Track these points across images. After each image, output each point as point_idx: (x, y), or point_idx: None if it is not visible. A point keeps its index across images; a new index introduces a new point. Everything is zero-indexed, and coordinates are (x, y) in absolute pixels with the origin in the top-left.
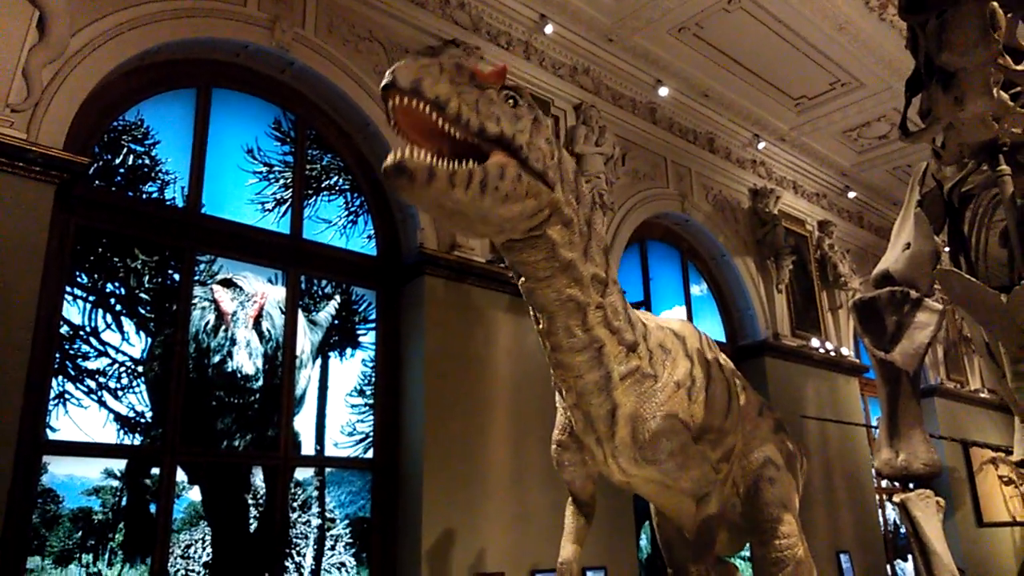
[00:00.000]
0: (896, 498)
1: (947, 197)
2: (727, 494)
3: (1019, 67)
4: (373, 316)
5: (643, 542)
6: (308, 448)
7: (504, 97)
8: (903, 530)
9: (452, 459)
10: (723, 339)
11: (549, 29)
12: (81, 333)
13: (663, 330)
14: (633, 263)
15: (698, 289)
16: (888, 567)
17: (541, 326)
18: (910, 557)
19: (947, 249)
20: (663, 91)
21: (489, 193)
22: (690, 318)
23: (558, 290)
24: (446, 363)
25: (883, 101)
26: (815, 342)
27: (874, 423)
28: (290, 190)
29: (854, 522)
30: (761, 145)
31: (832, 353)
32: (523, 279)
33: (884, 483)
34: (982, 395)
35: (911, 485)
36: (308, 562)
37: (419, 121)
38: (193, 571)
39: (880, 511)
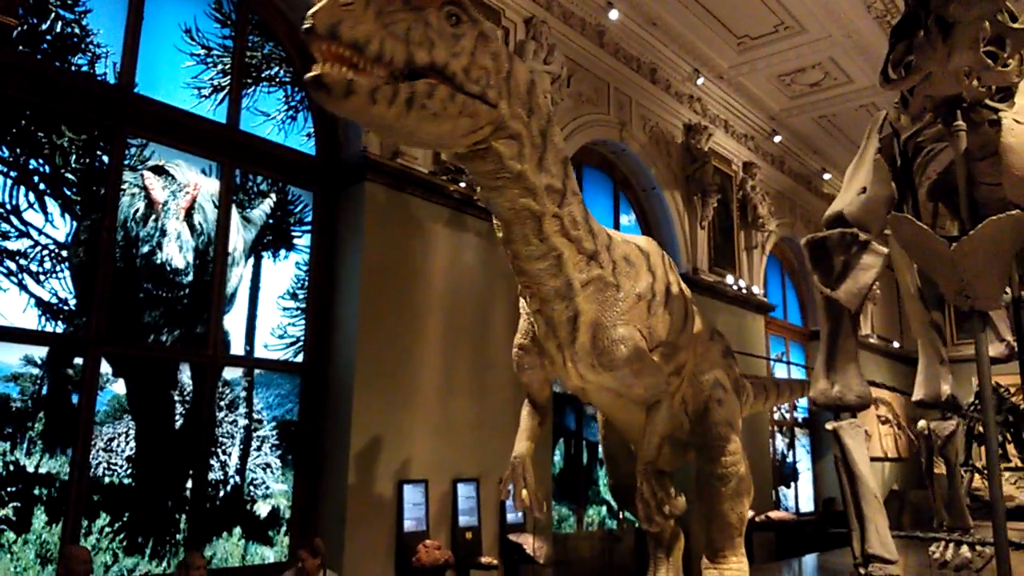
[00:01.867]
0: (829, 425)
1: (902, 146)
2: (676, 409)
3: (1016, 25)
4: (309, 218)
5: (556, 457)
6: (238, 348)
7: (445, 15)
8: (788, 461)
9: (383, 368)
10: None
11: None
12: (1, 211)
13: (628, 244)
14: None
15: (627, 219)
16: (772, 492)
17: (501, 235)
18: (792, 484)
19: None
20: (613, 14)
21: (415, 110)
22: None
23: (511, 199)
24: (383, 272)
25: (820, 49)
26: (729, 279)
27: (773, 357)
28: (228, 77)
29: (748, 452)
30: (700, 81)
31: (744, 291)
32: (479, 188)
33: (776, 416)
34: (871, 340)
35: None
36: (234, 461)
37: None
38: (116, 464)
39: (770, 442)
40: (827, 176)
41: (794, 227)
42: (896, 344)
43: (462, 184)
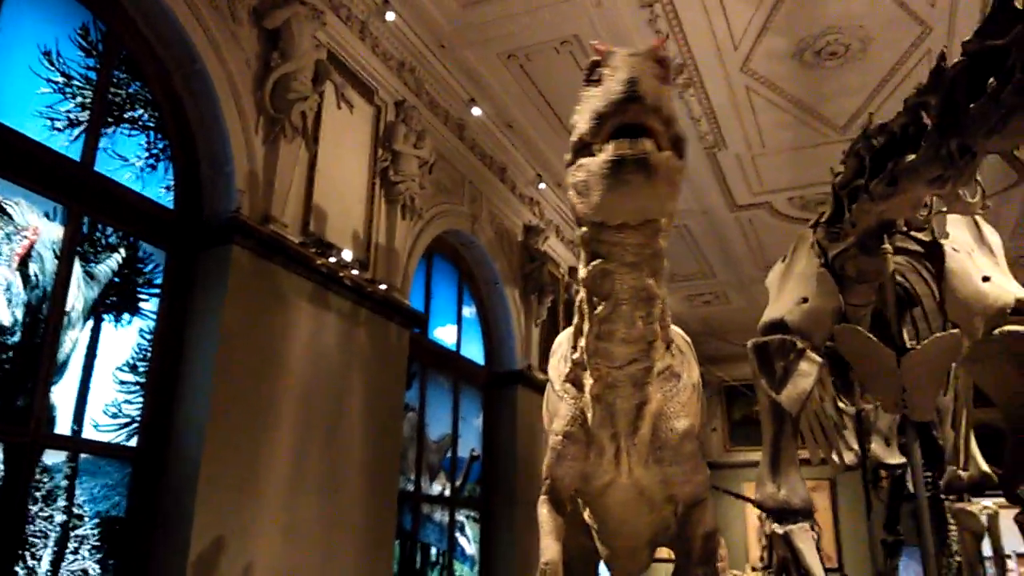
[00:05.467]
0: (780, 529)
1: (830, 264)
2: (667, 512)
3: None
4: (160, 280)
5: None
6: (64, 427)
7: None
8: None
9: (232, 460)
10: (483, 363)
11: (390, 16)
12: None
13: (675, 331)
14: (419, 276)
15: (468, 311)
16: None
17: (598, 311)
18: None
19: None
20: (475, 111)
21: (677, 185)
22: (459, 340)
23: (638, 277)
24: (241, 349)
25: None
26: None
27: None
28: (88, 112)
29: None
30: (541, 186)
31: None
32: (601, 261)
33: None
34: None
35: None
36: (44, 566)
37: None
38: None
39: None
40: None
41: None
42: None
43: (331, 259)
